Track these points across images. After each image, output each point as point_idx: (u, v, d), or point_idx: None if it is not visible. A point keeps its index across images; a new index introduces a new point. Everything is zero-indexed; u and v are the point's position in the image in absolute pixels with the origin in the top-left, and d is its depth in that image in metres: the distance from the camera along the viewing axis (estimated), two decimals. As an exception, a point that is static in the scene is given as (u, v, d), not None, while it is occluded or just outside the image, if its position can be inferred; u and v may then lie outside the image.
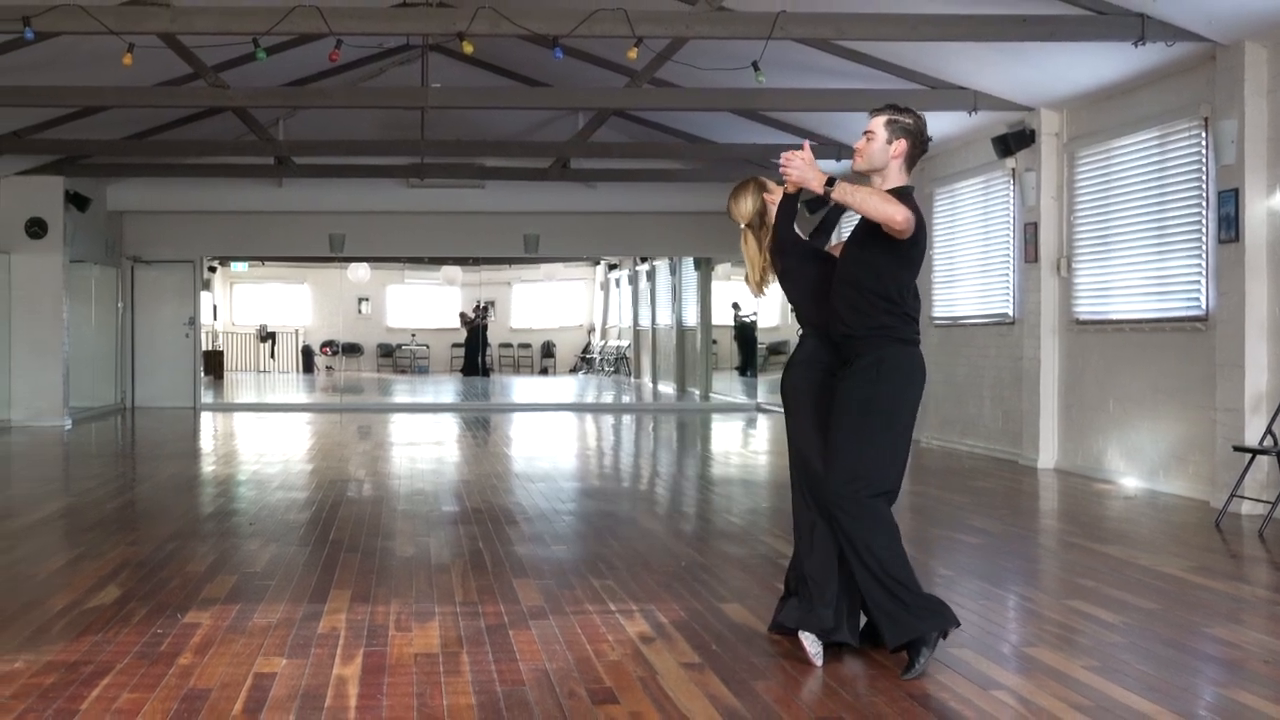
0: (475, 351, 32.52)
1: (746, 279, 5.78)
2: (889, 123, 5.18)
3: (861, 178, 5.30)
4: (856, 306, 5.15)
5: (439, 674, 4.95)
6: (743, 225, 5.66)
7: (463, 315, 33.47)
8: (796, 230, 5.49)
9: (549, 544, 7.97)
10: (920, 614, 4.96)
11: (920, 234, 5.06)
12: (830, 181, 5.00)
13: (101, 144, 16.25)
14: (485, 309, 33.11)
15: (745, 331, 24.86)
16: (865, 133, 5.23)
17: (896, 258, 5.10)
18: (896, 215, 4.89)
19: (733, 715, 4.46)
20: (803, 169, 5.05)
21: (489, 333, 33.32)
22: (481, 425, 18.12)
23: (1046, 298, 12.14)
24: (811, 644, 5.12)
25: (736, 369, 25.05)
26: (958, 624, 5.12)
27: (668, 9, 10.84)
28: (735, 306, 24.85)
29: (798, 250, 5.49)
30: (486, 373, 32.51)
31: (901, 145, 5.16)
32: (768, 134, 15.97)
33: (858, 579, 5.07)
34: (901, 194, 5.09)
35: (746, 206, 5.62)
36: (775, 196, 5.53)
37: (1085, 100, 11.64)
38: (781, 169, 5.11)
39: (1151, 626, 5.79)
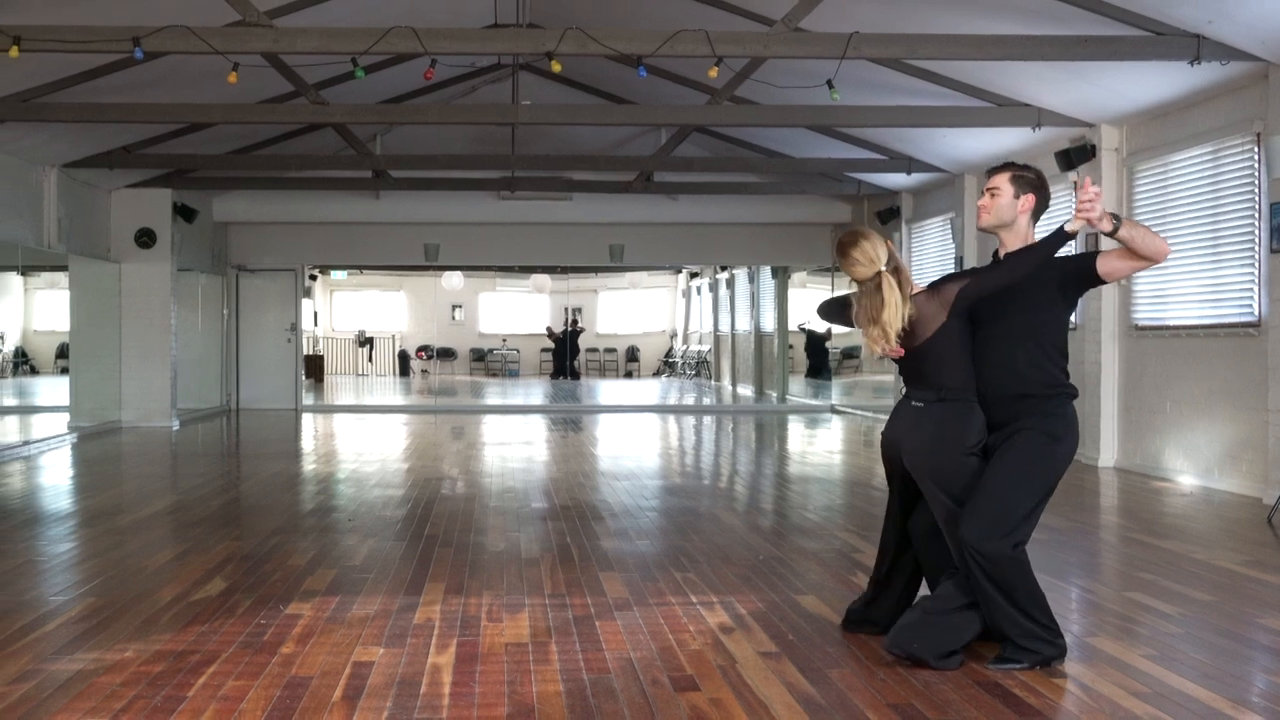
0: (564, 356, 32.95)
1: (873, 337, 5.06)
2: (1015, 178, 5.04)
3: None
4: (1036, 362, 4.95)
5: (529, 662, 5.04)
6: (881, 270, 5.02)
7: (549, 330, 33.93)
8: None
9: (633, 539, 8.09)
10: (1047, 638, 4.99)
11: None
12: (1117, 218, 4.77)
13: (208, 158, 16.60)
14: (575, 319, 33.55)
15: (815, 341, 24.93)
16: (988, 189, 5.07)
17: (1071, 306, 5.02)
18: (1164, 249, 4.78)
19: (808, 702, 4.55)
20: (1100, 209, 4.73)
21: (579, 339, 33.78)
22: (569, 426, 18.23)
23: (1107, 305, 12.30)
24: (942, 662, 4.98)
25: (805, 374, 25.09)
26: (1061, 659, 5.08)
27: (747, 30, 10.96)
28: (801, 328, 24.77)
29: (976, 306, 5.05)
30: (576, 376, 32.91)
31: (1030, 200, 5.03)
32: (842, 149, 16.08)
33: (1009, 616, 4.96)
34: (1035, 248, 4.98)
35: (880, 251, 5.04)
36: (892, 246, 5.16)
37: (1144, 117, 11.77)
38: (1085, 204, 4.69)
39: (1207, 617, 5.90)
